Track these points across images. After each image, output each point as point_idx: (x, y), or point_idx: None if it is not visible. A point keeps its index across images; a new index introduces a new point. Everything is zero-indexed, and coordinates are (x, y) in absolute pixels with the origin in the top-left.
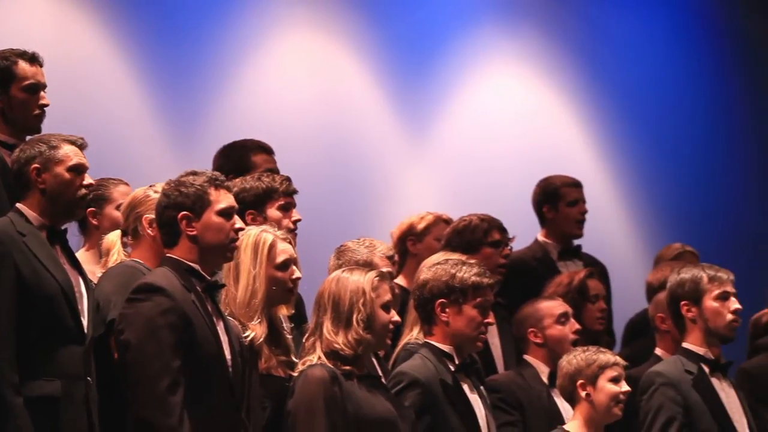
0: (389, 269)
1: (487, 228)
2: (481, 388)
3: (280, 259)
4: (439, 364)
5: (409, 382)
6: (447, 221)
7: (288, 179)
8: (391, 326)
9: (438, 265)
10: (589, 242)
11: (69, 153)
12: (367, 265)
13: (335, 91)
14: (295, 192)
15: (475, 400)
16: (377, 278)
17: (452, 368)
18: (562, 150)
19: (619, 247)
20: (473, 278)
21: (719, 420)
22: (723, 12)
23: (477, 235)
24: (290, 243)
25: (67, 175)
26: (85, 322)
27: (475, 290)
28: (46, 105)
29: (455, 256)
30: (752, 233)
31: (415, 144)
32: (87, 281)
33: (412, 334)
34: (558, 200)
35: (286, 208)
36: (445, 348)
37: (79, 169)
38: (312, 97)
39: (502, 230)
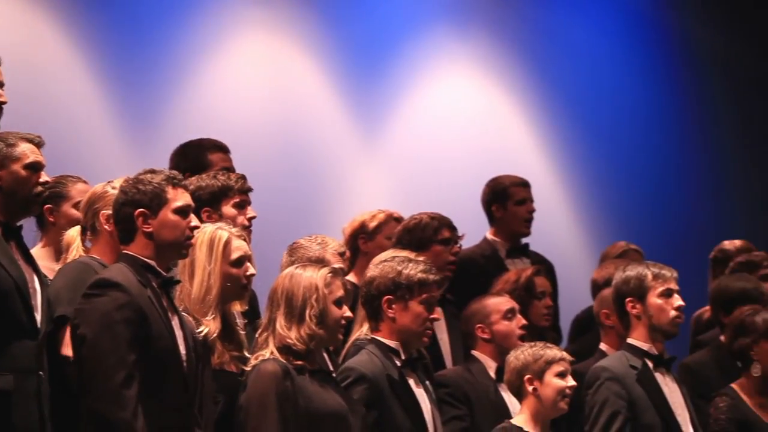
0: (341, 266)
1: (437, 226)
2: (427, 382)
3: (234, 255)
4: (386, 359)
5: (356, 378)
6: (398, 220)
7: (243, 177)
8: (343, 322)
9: (385, 262)
10: (536, 240)
11: (26, 151)
12: (319, 262)
13: (290, 91)
14: (249, 190)
15: (420, 394)
16: (330, 274)
17: (398, 363)
18: (512, 150)
19: (565, 246)
20: (419, 275)
21: (662, 414)
22: (673, 18)
23: (427, 233)
24: (245, 240)
25: (23, 173)
26: (38, 317)
27: (421, 287)
28: (4, 102)
29: (404, 254)
30: (694, 232)
31: (367, 144)
32: (41, 277)
33: (362, 330)
34: (506, 199)
35: (241, 206)
36: (392, 344)
37: (35, 167)
38: (267, 97)
39: (452, 228)
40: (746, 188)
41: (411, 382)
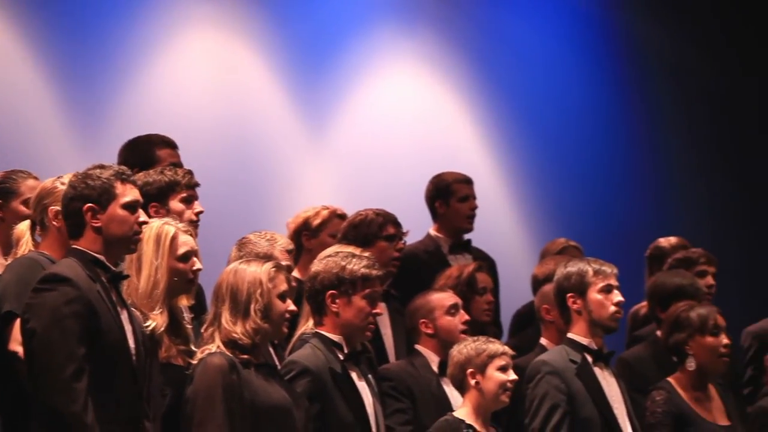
0: (289, 263)
1: (382, 222)
2: (370, 376)
3: (181, 250)
4: (329, 353)
5: (300, 371)
6: (341, 216)
7: (190, 172)
8: (287, 315)
9: (329, 257)
10: (479, 237)
11: None
12: (268, 258)
13: (238, 87)
14: (197, 185)
15: (363, 388)
16: (274, 269)
17: (341, 357)
18: (456, 147)
19: (507, 242)
20: (362, 270)
21: (600, 407)
22: (621, 20)
23: (372, 229)
24: (192, 235)
25: None
26: None
27: (364, 282)
28: None
29: (349, 249)
30: (632, 229)
31: (314, 140)
32: None
33: (308, 325)
34: (449, 196)
35: (189, 201)
36: (335, 338)
37: None
38: (215, 94)
39: (397, 225)
40: (683, 187)
41: (354, 375)
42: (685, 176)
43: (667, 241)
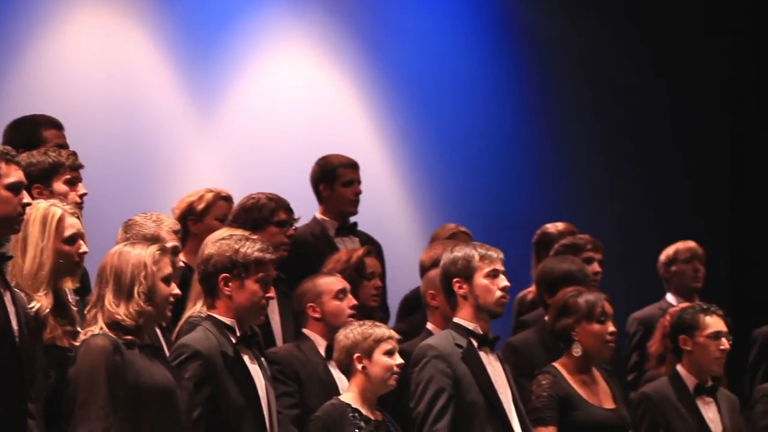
0: (176, 243)
1: (274, 208)
2: (262, 359)
3: (68, 233)
4: (221, 336)
5: (191, 354)
6: (226, 198)
7: (74, 154)
8: (171, 299)
9: (222, 240)
10: (366, 220)
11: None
12: (155, 239)
13: (125, 68)
14: (81, 166)
15: (255, 371)
16: (159, 252)
17: (234, 340)
18: (345, 130)
19: (395, 226)
20: (256, 254)
21: (485, 392)
22: (518, 4)
23: (263, 214)
24: (78, 218)
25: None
26: None
27: (258, 265)
28: None
29: (239, 232)
30: (519, 216)
31: (202, 121)
32: None
33: (196, 308)
34: (334, 180)
35: (73, 183)
36: (227, 321)
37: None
38: (102, 74)
39: (289, 211)
40: (571, 174)
41: (246, 359)
42: (573, 163)
43: (554, 227)
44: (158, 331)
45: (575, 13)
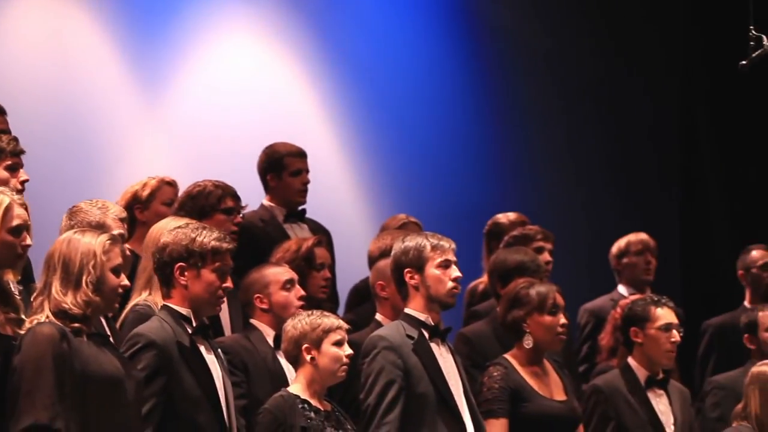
0: (121, 231)
1: (221, 195)
2: (219, 350)
3: (14, 223)
4: (177, 326)
5: (145, 344)
6: (170, 184)
7: (15, 139)
8: (120, 290)
9: (179, 229)
10: (315, 209)
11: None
12: (100, 227)
13: (68, 52)
14: (22, 152)
15: (212, 361)
16: (109, 242)
17: (189, 331)
18: (294, 117)
19: (344, 215)
20: (213, 243)
21: (436, 383)
22: None
23: (210, 201)
24: (26, 209)
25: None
26: None
27: (214, 255)
28: None
29: (187, 221)
30: (471, 206)
31: (148, 107)
32: None
33: (142, 297)
34: (282, 169)
35: (14, 169)
36: (183, 311)
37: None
38: (46, 58)
39: (236, 198)
40: (522, 164)
41: (202, 349)
42: (524, 153)
43: (505, 217)
44: (102, 319)
45: (532, 2)
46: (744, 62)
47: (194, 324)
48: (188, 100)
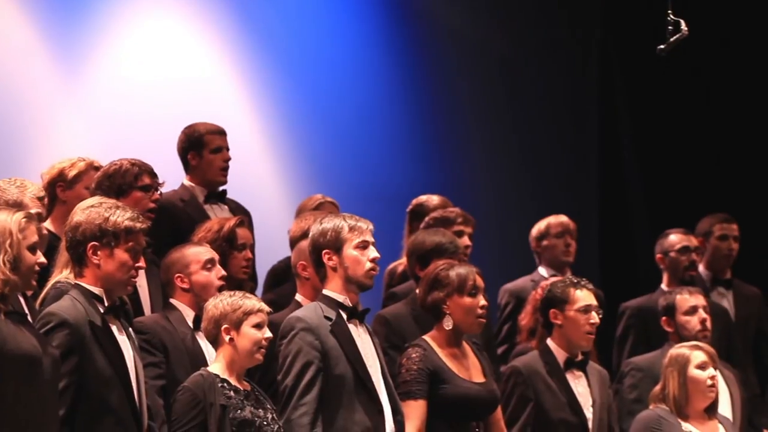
0: (39, 210)
1: (138, 172)
2: (130, 330)
3: None
4: (89, 305)
5: (58, 323)
6: (98, 168)
7: None
8: (37, 268)
9: (92, 207)
10: (235, 189)
11: None
12: (17, 206)
13: None
14: None
15: (123, 341)
16: (24, 219)
17: (102, 310)
18: (213, 99)
19: (264, 195)
20: (126, 222)
21: (354, 364)
22: None
23: (127, 179)
24: None
25: None
26: None
27: (128, 234)
28: None
29: (108, 200)
30: (392, 188)
31: (67, 85)
32: None
33: (62, 275)
34: (202, 147)
35: None
36: (96, 290)
37: None
38: None
39: (152, 175)
40: (444, 146)
41: (114, 329)
42: (446, 136)
43: (429, 199)
44: (21, 298)
45: None
46: (662, 47)
47: (106, 303)
48: (108, 77)
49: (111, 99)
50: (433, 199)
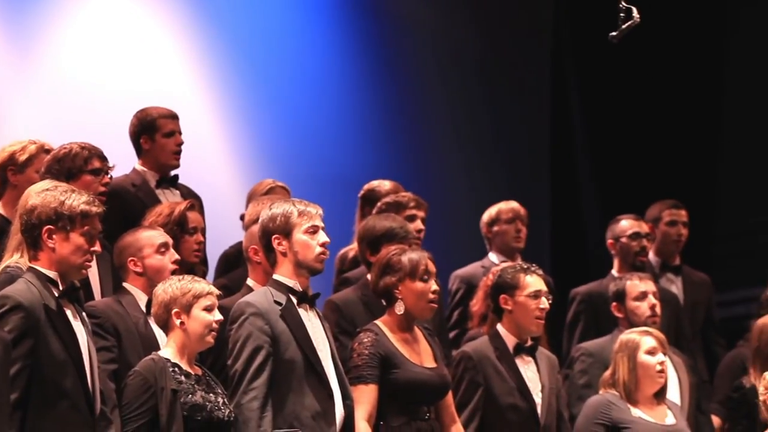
0: None
1: (88, 156)
2: (84, 314)
3: None
4: (44, 289)
5: (12, 306)
6: (50, 152)
7: None
8: None
9: (47, 191)
10: (187, 174)
11: None
12: None
13: None
14: None
15: (77, 326)
16: None
17: (56, 294)
18: (165, 83)
19: (215, 179)
20: (82, 206)
21: (304, 349)
22: None
23: (77, 163)
24: None
25: None
26: None
27: (84, 218)
28: None
29: (63, 184)
30: (343, 173)
31: (17, 67)
32: None
33: (13, 259)
34: (154, 131)
35: None
36: (50, 274)
37: None
38: None
39: (103, 158)
40: (396, 132)
41: (68, 313)
42: (398, 121)
43: (380, 185)
44: None
45: None
46: (614, 33)
47: (61, 287)
48: (58, 60)
49: (62, 81)
50: (385, 185)
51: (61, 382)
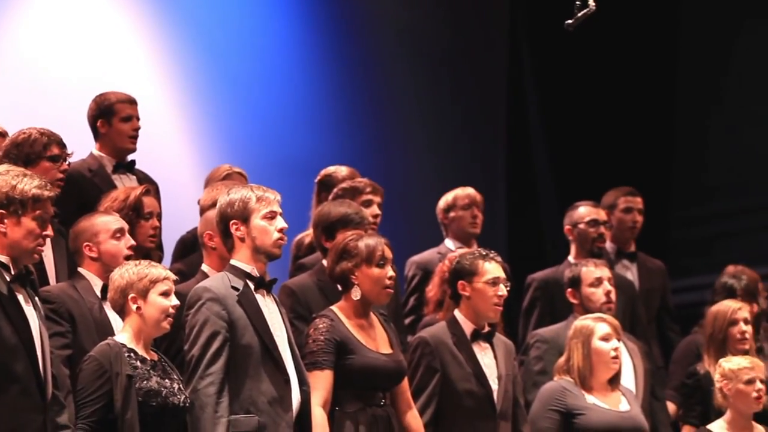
0: None
1: (47, 142)
2: (36, 299)
3: None
4: None
5: None
6: (4, 135)
7: None
8: None
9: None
10: (144, 159)
11: None
12: None
13: None
14: None
15: (29, 311)
16: None
17: (8, 279)
18: (123, 65)
19: (172, 166)
20: (34, 190)
21: (261, 334)
22: None
23: (36, 149)
24: None
25: None
26: None
27: (35, 203)
28: None
29: (16, 168)
30: (300, 158)
31: None
32: None
33: None
34: (112, 116)
35: None
36: (2, 258)
37: None
38: None
39: (62, 145)
40: (355, 116)
41: (20, 298)
42: (356, 107)
43: (337, 170)
44: None
45: None
46: (570, 22)
47: (12, 272)
48: (16, 44)
49: (20, 66)
50: (342, 170)
51: (12, 367)
